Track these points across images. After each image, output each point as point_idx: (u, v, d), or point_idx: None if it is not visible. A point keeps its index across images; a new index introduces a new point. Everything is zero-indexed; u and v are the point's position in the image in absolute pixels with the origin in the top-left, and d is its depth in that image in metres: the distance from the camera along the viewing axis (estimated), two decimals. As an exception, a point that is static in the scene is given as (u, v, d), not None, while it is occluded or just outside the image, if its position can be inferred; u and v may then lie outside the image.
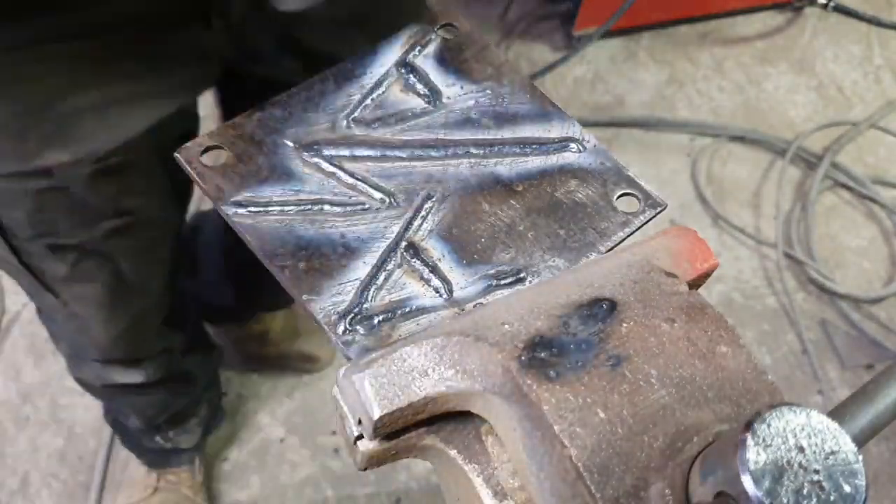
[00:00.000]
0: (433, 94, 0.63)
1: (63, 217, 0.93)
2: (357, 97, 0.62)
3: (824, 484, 0.32)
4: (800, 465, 0.33)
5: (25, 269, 0.99)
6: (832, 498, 0.32)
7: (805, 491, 0.32)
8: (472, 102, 0.63)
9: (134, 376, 1.26)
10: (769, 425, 0.33)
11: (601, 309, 0.43)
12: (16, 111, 0.81)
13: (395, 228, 0.55)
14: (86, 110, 0.83)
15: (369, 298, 0.52)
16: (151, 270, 1.11)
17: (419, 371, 0.42)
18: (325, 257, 0.53)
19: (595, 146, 0.60)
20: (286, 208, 0.55)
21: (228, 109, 1.14)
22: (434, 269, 0.53)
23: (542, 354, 0.41)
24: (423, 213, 0.56)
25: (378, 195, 0.57)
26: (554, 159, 0.60)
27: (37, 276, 1.00)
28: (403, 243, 0.54)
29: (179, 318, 1.30)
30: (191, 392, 1.44)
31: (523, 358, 0.40)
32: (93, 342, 1.16)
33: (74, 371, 1.33)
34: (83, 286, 1.03)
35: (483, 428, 0.45)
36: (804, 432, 0.33)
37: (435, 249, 0.54)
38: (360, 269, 0.53)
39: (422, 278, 0.53)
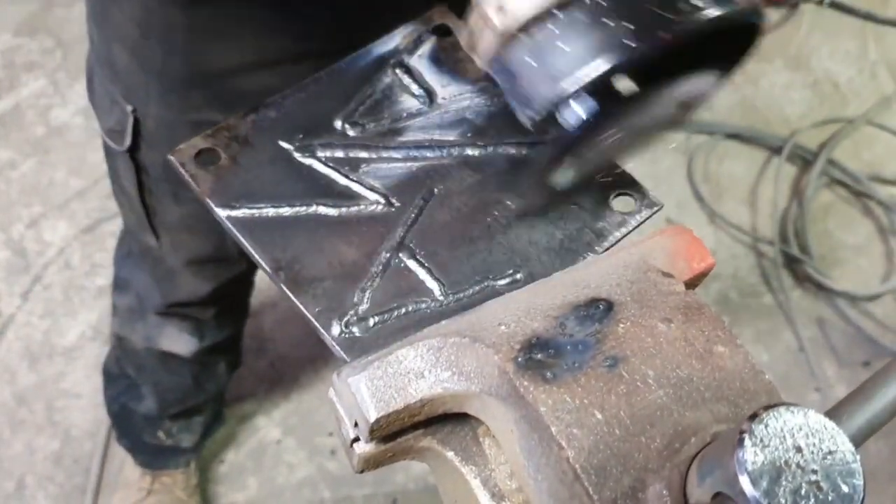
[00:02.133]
0: (428, 95, 0.63)
1: None
2: (352, 98, 0.62)
3: (822, 484, 0.32)
4: (797, 465, 0.32)
5: (142, 205, 1.02)
6: (830, 498, 0.32)
7: (803, 491, 0.32)
8: (466, 103, 0.62)
9: (184, 343, 1.29)
10: (767, 425, 0.33)
11: (598, 309, 0.43)
12: (196, 68, 0.86)
13: (391, 229, 0.55)
14: (249, 91, 0.87)
15: (364, 300, 0.51)
16: None
17: (415, 373, 0.42)
18: (319, 258, 0.53)
19: (590, 145, 0.60)
20: (280, 210, 0.55)
21: None
22: (429, 270, 0.53)
23: (539, 356, 0.40)
24: (418, 213, 0.56)
25: (373, 196, 0.57)
26: (549, 159, 0.59)
27: (149, 214, 1.04)
28: (398, 244, 0.54)
29: (245, 306, 1.36)
30: (207, 390, 1.46)
31: (520, 359, 0.40)
32: (171, 291, 1.20)
33: (124, 328, 1.35)
34: (188, 237, 1.07)
35: (480, 429, 0.44)
36: (802, 432, 0.33)
37: (430, 250, 0.54)
38: (355, 270, 0.53)
39: (417, 279, 0.53)
